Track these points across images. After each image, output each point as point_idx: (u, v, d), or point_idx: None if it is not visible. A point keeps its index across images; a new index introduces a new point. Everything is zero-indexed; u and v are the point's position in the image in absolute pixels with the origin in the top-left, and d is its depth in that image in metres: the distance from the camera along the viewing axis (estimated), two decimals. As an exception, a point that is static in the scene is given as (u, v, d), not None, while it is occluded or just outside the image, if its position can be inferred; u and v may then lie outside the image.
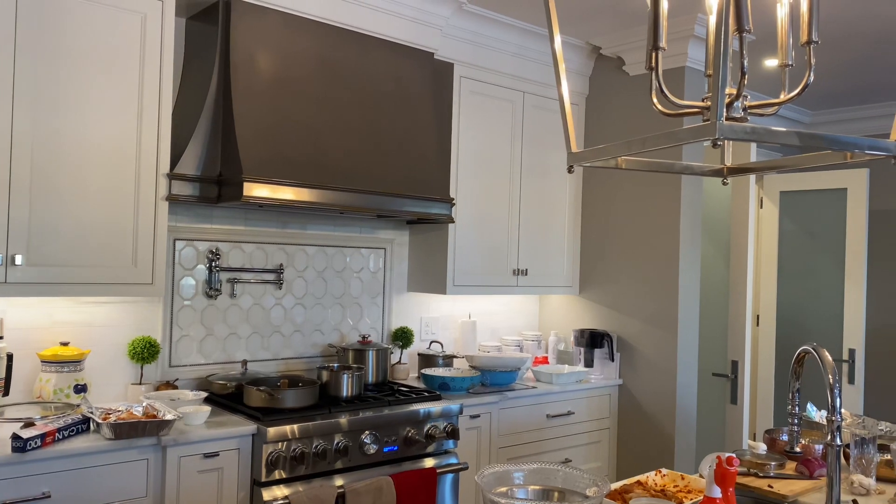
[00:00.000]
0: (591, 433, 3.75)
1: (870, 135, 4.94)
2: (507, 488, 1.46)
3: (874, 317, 5.02)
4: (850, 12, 3.28)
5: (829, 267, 4.78)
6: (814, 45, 0.91)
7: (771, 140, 0.83)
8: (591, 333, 3.88)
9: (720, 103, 0.78)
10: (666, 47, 0.95)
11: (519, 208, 3.79)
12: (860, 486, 1.88)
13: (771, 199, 5.12)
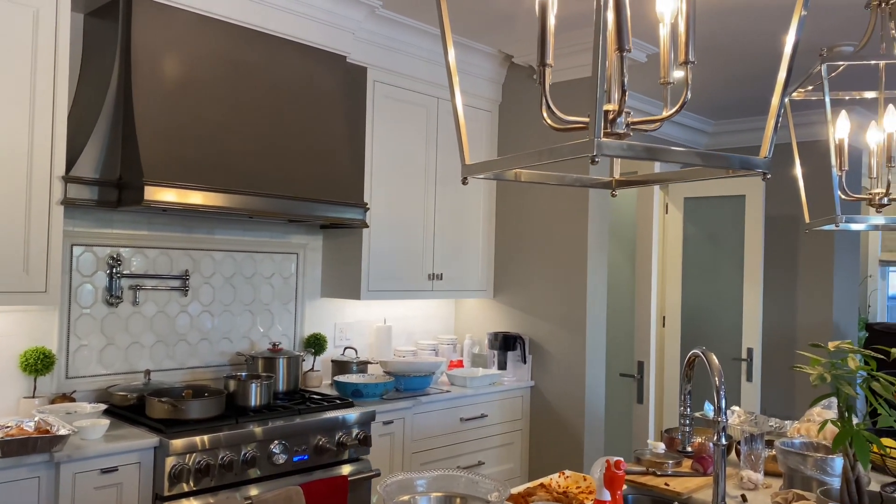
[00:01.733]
0: (505, 435, 3.81)
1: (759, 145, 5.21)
2: (409, 496, 1.46)
3: (770, 317, 5.30)
4: (747, 27, 3.46)
5: (730, 270, 5.02)
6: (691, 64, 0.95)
7: (648, 157, 0.87)
8: (504, 336, 3.94)
9: (598, 122, 0.81)
10: (553, 63, 0.98)
11: (434, 213, 3.81)
12: (749, 481, 1.98)
13: (675, 205, 5.34)
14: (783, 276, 5.30)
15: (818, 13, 3.21)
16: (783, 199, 5.21)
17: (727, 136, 5.60)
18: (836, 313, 5.14)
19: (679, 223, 5.31)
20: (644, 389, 4.08)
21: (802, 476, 1.79)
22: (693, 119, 5.37)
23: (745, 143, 5.53)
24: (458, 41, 3.75)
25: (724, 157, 0.93)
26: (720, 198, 5.12)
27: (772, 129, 0.97)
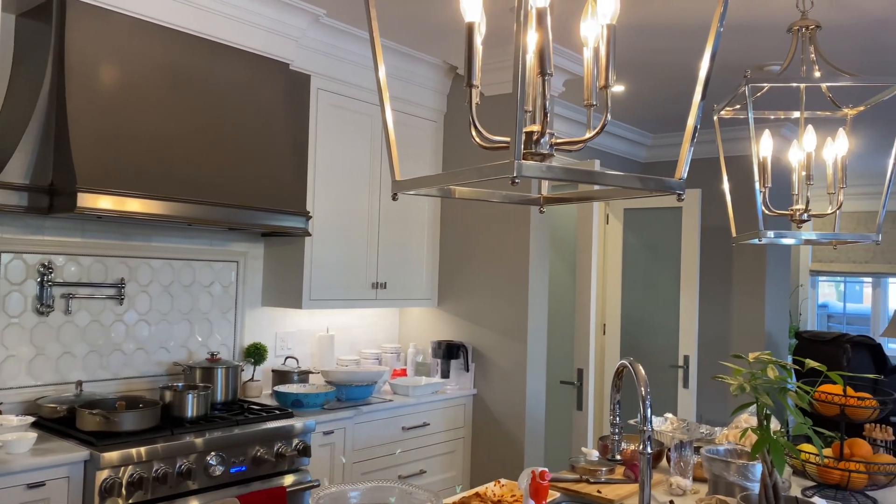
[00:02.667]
0: (447, 443, 3.82)
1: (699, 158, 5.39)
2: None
3: (706, 325, 5.46)
4: (683, 45, 3.58)
5: (668, 279, 5.16)
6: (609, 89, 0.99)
7: (568, 179, 0.90)
8: (447, 345, 3.96)
9: (518, 144, 0.83)
10: (479, 84, 1.00)
11: (379, 222, 3.81)
12: (678, 486, 2.04)
13: (616, 215, 5.46)
14: (718, 286, 5.47)
15: (751, 35, 3.34)
16: (719, 211, 5.38)
17: (665, 149, 5.76)
18: (769, 322, 5.33)
19: (619, 234, 5.43)
20: (583, 396, 4.15)
21: (726, 482, 1.86)
22: (633, 132, 5.50)
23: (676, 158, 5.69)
24: (403, 51, 3.77)
25: (640, 179, 0.97)
26: (658, 209, 5.26)
27: (686, 152, 1.01)
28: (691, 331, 5.00)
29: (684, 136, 0.99)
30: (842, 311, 8.28)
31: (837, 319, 8.34)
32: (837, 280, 8.19)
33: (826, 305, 8.48)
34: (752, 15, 3.09)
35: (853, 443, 2.10)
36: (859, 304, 8.19)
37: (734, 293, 5.41)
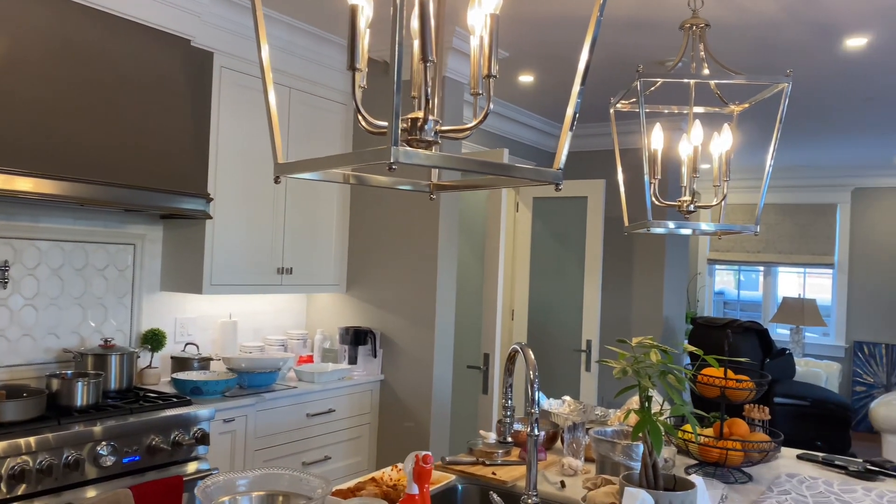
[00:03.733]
0: (353, 429, 3.81)
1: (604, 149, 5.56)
2: (229, 497, 1.44)
3: (608, 311, 5.65)
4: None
5: (574, 266, 5.30)
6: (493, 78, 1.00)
7: (446, 166, 0.91)
8: (355, 331, 3.94)
9: (395, 131, 0.83)
10: (363, 68, 1.00)
11: (285, 206, 3.74)
12: (569, 467, 2.10)
13: (525, 204, 5.56)
14: (621, 273, 5.67)
15: (651, 31, 3.46)
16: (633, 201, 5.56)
17: (574, 139, 5.90)
18: (667, 308, 5.56)
19: (528, 222, 5.54)
20: (489, 380, 4.23)
21: (612, 462, 1.94)
22: (542, 122, 5.61)
23: (587, 147, 5.85)
24: (312, 31, 3.70)
25: (519, 169, 0.98)
26: (565, 198, 5.39)
27: (564, 142, 1.04)
28: (594, 316, 5.16)
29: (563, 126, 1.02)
30: (736, 298, 8.73)
31: (732, 306, 8.78)
32: (733, 269, 8.62)
33: (722, 293, 8.91)
34: (652, 12, 3.19)
35: (732, 422, 2.23)
36: (754, 292, 8.65)
37: (635, 280, 5.61)
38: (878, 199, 7.53)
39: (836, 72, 4.00)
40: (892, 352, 7.31)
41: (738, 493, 2.02)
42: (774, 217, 8.08)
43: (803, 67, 3.93)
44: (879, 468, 2.25)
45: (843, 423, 5.34)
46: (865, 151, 6.39)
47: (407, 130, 1.00)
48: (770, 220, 8.09)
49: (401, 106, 0.87)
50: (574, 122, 1.03)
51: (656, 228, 1.96)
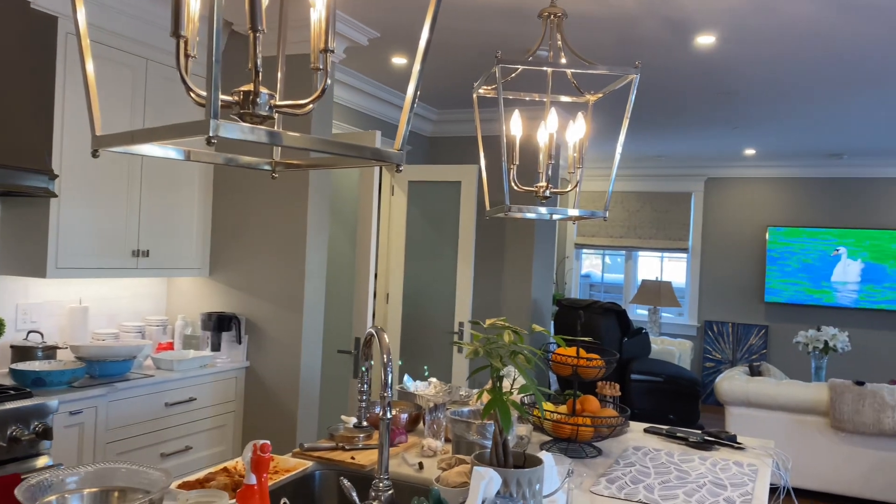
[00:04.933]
0: (216, 418, 3.68)
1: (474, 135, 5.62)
2: (56, 496, 1.34)
3: (480, 294, 5.77)
4: (465, 26, 3.68)
5: (449, 250, 5.36)
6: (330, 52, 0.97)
7: (272, 142, 0.87)
8: (218, 316, 3.80)
9: (214, 102, 0.79)
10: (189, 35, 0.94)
11: (141, 185, 3.53)
12: (429, 448, 2.12)
13: (401, 187, 5.55)
14: (493, 257, 5.79)
15: (519, 19, 3.52)
16: (495, 186, 5.67)
17: (450, 124, 5.94)
18: (535, 290, 5.75)
19: (403, 205, 5.54)
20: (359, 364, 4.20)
21: (467, 442, 1.97)
22: (418, 106, 5.60)
23: (462, 133, 5.92)
24: (171, 1, 3.49)
25: (356, 148, 0.96)
26: (440, 183, 5.43)
27: (405, 122, 1.02)
28: (466, 299, 5.25)
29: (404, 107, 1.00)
30: (601, 281, 9.16)
31: (598, 288, 9.21)
32: (598, 253, 9.03)
33: (589, 275, 9.32)
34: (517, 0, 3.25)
35: (584, 399, 2.32)
36: (618, 275, 9.10)
37: (506, 264, 5.75)
38: (729, 189, 8.12)
39: (689, 67, 4.24)
40: (738, 330, 7.94)
41: (587, 466, 2.12)
42: (635, 204, 8.53)
43: (659, 62, 4.14)
44: (715, 438, 2.43)
45: (693, 397, 5.74)
46: (718, 143, 6.85)
47: (239, 104, 0.95)
48: (631, 207, 8.53)
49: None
50: (414, 103, 1.02)
51: (514, 213, 2.00)
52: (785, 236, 7.73)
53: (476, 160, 5.73)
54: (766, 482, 2.06)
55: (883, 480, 4.60)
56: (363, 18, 3.65)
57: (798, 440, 4.82)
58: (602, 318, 5.65)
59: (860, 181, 7.57)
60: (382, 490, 1.51)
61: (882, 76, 4.25)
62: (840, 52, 3.83)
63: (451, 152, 5.96)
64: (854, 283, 7.44)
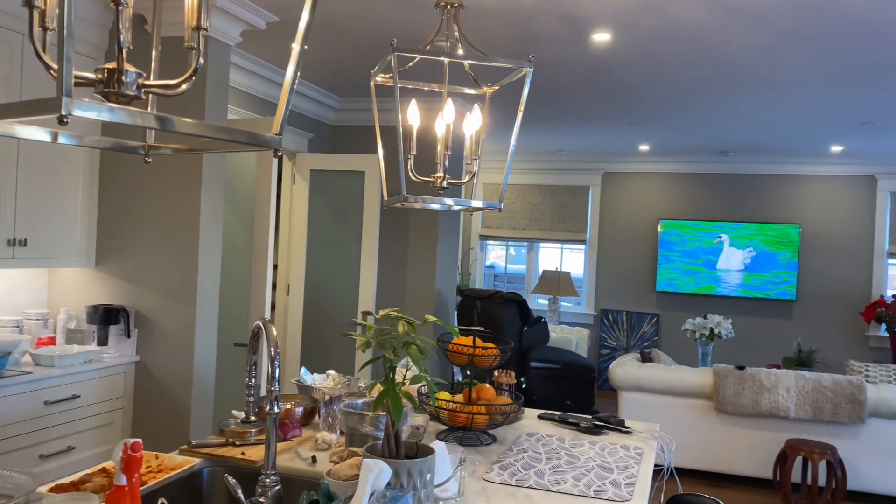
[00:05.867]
0: (102, 415, 3.50)
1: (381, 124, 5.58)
2: None
3: (384, 285, 5.74)
4: (366, 13, 3.63)
5: (352, 240, 5.30)
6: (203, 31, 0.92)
7: (133, 123, 0.82)
8: (105, 309, 3.60)
9: (66, 78, 0.73)
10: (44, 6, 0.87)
11: (17, 169, 3.29)
12: (323, 441, 2.09)
13: (303, 176, 5.44)
14: (397, 247, 5.78)
15: (423, 9, 3.50)
16: (394, 176, 5.65)
17: (353, 113, 5.87)
18: (439, 281, 5.78)
19: (305, 194, 5.43)
20: (260, 358, 4.10)
21: (360, 434, 1.96)
22: (321, 94, 5.50)
23: (367, 122, 5.86)
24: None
25: (229, 131, 0.92)
26: (344, 172, 5.36)
27: (283, 106, 0.99)
28: (370, 290, 5.21)
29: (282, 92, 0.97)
30: (505, 272, 9.32)
31: (501, 279, 9.37)
32: (502, 244, 9.18)
33: (493, 266, 9.46)
34: (422, -11, 3.23)
35: (480, 388, 2.35)
36: (522, 266, 9.28)
37: (410, 254, 5.75)
38: (624, 183, 8.43)
39: (585, 63, 4.35)
40: (632, 318, 8.27)
41: (482, 454, 2.14)
42: (537, 197, 8.72)
43: (557, 57, 4.23)
44: (605, 423, 2.51)
45: (589, 384, 5.94)
46: (614, 139, 7.09)
47: (103, 82, 0.89)
48: (533, 200, 8.72)
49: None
50: (293, 86, 0.99)
51: (410, 203, 1.99)
52: (675, 229, 8.10)
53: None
54: (651, 464, 2.15)
55: (759, 458, 4.92)
56: (261, 2, 3.53)
57: (685, 423, 5.07)
58: (503, 308, 5.74)
59: (744, 177, 8.03)
60: (269, 486, 1.47)
61: (763, 79, 4.51)
62: (725, 55, 4.03)
63: (355, 141, 5.89)
64: (737, 272, 7.89)
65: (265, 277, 4.06)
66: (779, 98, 5.02)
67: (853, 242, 7.70)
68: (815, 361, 7.27)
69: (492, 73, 4.22)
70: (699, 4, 3.28)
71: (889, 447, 4.68)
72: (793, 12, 3.33)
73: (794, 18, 3.41)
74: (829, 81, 4.52)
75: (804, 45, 3.81)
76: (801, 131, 6.23)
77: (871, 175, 7.66)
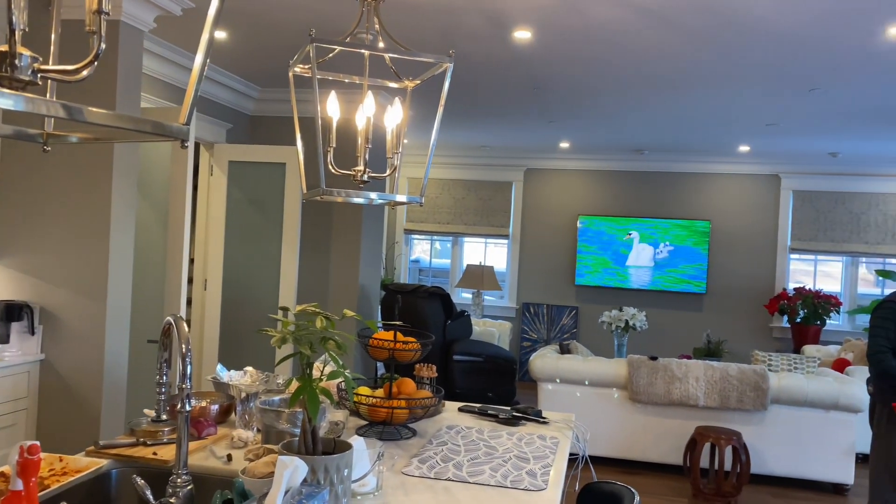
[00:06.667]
0: (4, 417, 3.32)
1: (300, 116, 5.50)
2: None
3: (306, 279, 5.67)
4: (287, 2, 3.55)
5: (273, 234, 5.20)
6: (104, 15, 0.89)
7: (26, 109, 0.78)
8: (6, 305, 3.41)
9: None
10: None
11: None
12: (239, 439, 2.05)
13: (220, 168, 5.30)
14: (319, 241, 5.71)
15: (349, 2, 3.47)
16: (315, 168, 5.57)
17: (274, 104, 5.75)
18: (363, 275, 5.74)
19: (223, 186, 5.29)
20: (172, 353, 3.97)
21: (277, 431, 1.93)
22: (240, 83, 5.37)
23: (290, 113, 5.75)
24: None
25: (133, 120, 0.89)
26: (264, 164, 5.25)
27: (191, 96, 0.96)
28: (291, 285, 5.13)
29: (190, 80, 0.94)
30: (429, 266, 9.35)
31: (427, 273, 9.39)
32: (428, 238, 9.20)
33: (418, 261, 9.48)
34: (344, -20, 3.20)
35: (401, 382, 2.35)
36: (446, 260, 9.33)
37: (333, 248, 5.69)
38: (545, 180, 8.59)
39: (507, 61, 4.41)
40: (552, 311, 8.46)
41: (402, 448, 2.15)
42: (461, 192, 8.78)
43: (480, 54, 4.27)
44: (523, 414, 2.56)
45: (510, 375, 6.04)
46: (536, 136, 7.22)
47: (-8, 67, 0.84)
48: (458, 195, 8.78)
49: None
50: (203, 73, 0.96)
51: (329, 196, 1.97)
52: (593, 224, 8.32)
53: (303, 141, 5.59)
54: (566, 454, 2.20)
55: (670, 445, 5.12)
56: (175, -14, 3.42)
57: (601, 412, 5.23)
58: (427, 302, 5.76)
59: (659, 175, 8.32)
60: (181, 486, 1.43)
61: (675, 80, 4.68)
62: (640, 56, 4.17)
63: (276, 132, 5.78)
64: (647, 267, 8.18)
65: (180, 272, 3.94)
66: (690, 99, 5.22)
67: (759, 238, 8.11)
68: (723, 352, 7.62)
69: (414, 67, 4.22)
70: (614, 6, 3.38)
71: (788, 432, 4.96)
72: (700, 15, 3.47)
73: (701, 21, 3.55)
74: (736, 83, 4.73)
75: (711, 48, 3.97)
76: (710, 131, 6.50)
77: (776, 174, 8.07)
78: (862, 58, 4.00)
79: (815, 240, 7.94)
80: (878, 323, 3.69)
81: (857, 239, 7.83)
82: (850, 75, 4.37)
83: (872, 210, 7.79)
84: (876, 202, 7.80)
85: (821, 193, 7.94)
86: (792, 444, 4.96)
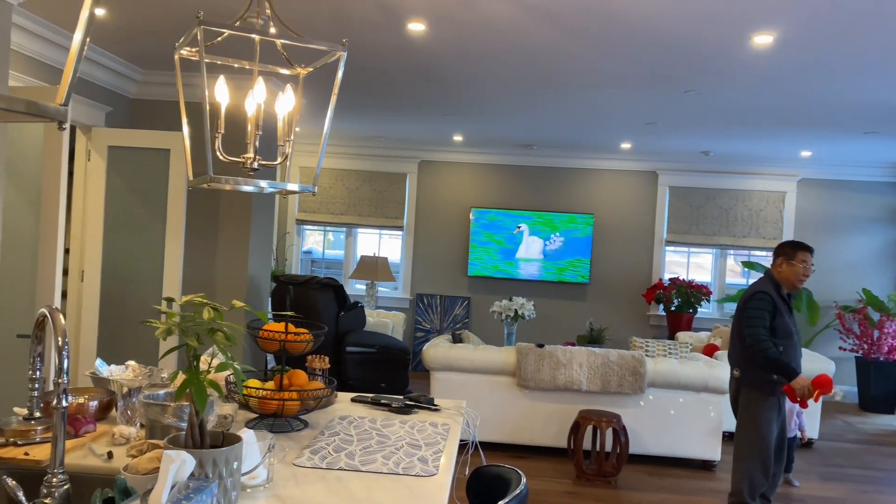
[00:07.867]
0: None
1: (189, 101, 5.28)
2: None
3: (191, 269, 5.47)
4: (163, -21, 3.40)
5: (156, 222, 4.98)
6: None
7: None
8: None
9: None
10: None
11: None
12: (121, 436, 1.97)
13: (99, 153, 5.02)
14: (206, 230, 5.52)
15: (231, -19, 3.36)
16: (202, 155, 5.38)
17: (157, 87, 5.50)
18: (252, 266, 5.60)
19: (102, 172, 5.01)
20: (46, 347, 3.73)
21: (162, 425, 1.87)
22: (121, 64, 5.10)
23: (175, 97, 5.52)
24: None
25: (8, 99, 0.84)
26: (146, 150, 5.01)
27: (70, 76, 0.92)
28: (175, 275, 4.94)
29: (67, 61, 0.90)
30: (322, 257, 9.24)
31: (319, 264, 9.28)
32: (321, 229, 9.09)
33: (311, 252, 9.34)
34: (233, -38, 3.10)
35: (293, 374, 2.33)
36: (340, 251, 9.25)
37: (221, 238, 5.52)
38: (439, 172, 8.68)
39: (401, 52, 4.42)
40: (445, 302, 8.58)
41: (293, 440, 2.13)
42: (355, 182, 8.73)
43: (374, 44, 4.26)
44: (415, 402, 2.60)
45: (404, 365, 6.08)
46: (430, 128, 7.27)
47: None
48: (352, 185, 8.72)
49: None
50: (82, 52, 0.92)
51: (217, 184, 1.92)
52: (485, 216, 8.49)
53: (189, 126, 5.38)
54: (457, 439, 2.26)
55: (556, 429, 5.33)
56: (48, -43, 3.20)
57: (491, 399, 5.37)
58: (319, 294, 5.70)
59: (547, 170, 8.60)
60: (56, 485, 1.37)
61: (561, 77, 4.85)
62: (528, 53, 4.29)
63: (160, 117, 5.52)
64: (537, 258, 8.45)
65: (54, 262, 3.71)
66: (575, 96, 5.43)
67: (638, 231, 8.55)
68: (604, 339, 8.00)
69: (307, 54, 4.15)
70: (505, 2, 3.46)
71: (663, 413, 5.28)
72: (583, 15, 3.61)
73: (584, 21, 3.70)
74: (618, 83, 4.96)
75: (595, 47, 4.15)
76: (595, 128, 6.78)
77: (654, 171, 8.53)
78: (732, 63, 4.30)
79: (689, 233, 8.46)
80: (755, 314, 3.81)
81: (725, 232, 8.40)
82: (722, 79, 4.69)
83: (739, 206, 8.39)
84: (742, 198, 8.40)
85: (694, 189, 8.46)
86: (666, 425, 5.28)
